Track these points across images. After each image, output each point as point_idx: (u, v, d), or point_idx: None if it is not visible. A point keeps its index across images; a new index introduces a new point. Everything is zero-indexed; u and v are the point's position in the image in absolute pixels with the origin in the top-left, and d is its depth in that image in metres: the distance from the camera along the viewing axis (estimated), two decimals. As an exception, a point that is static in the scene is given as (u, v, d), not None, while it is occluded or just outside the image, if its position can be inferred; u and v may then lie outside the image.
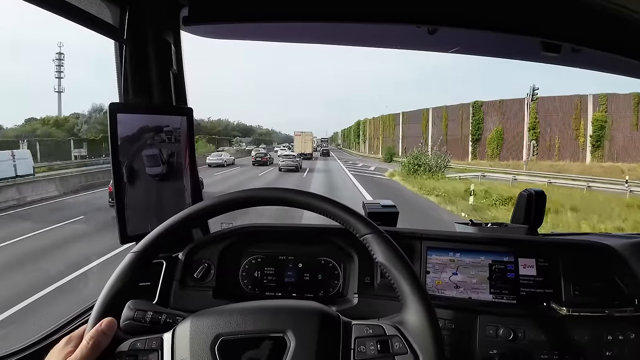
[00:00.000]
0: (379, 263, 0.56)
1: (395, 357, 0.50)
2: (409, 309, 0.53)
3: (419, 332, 0.51)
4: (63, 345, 0.52)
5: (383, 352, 0.50)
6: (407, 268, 0.55)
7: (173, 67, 1.03)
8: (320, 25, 1.00)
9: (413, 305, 0.53)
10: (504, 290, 0.95)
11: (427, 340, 0.50)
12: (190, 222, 0.63)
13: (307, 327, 0.52)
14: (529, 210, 1.19)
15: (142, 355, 0.51)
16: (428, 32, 0.95)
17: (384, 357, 0.50)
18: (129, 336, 0.53)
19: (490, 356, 0.86)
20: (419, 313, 0.52)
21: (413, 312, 0.52)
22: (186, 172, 1.04)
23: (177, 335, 0.52)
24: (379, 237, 0.57)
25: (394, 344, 0.51)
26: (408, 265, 0.55)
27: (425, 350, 0.50)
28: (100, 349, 0.50)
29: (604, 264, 0.95)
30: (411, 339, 0.51)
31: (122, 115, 0.89)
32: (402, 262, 0.55)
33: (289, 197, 0.62)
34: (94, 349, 0.50)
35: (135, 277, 0.58)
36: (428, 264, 0.98)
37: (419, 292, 0.53)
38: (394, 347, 0.50)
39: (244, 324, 0.52)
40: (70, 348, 0.51)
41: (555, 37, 0.86)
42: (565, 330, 0.87)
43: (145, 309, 0.58)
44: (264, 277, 1.02)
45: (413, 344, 0.50)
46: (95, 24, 0.84)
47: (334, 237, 1.00)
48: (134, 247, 0.60)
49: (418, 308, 0.52)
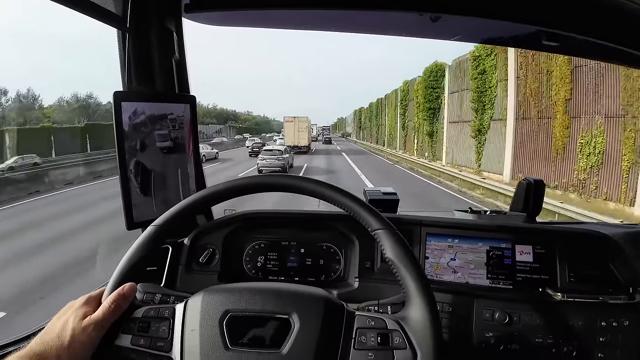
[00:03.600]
0: (387, 258, 0.58)
1: (394, 352, 0.51)
2: (413, 306, 0.54)
3: (420, 329, 0.52)
4: (82, 303, 0.54)
5: (383, 344, 0.52)
6: (415, 267, 0.56)
7: (175, 54, 1.03)
8: (323, 12, 0.99)
9: (417, 303, 0.54)
10: (501, 276, 0.97)
11: (427, 338, 0.52)
12: (208, 202, 0.65)
13: (312, 312, 0.54)
14: (527, 199, 1.20)
15: (155, 323, 0.54)
16: (431, 20, 0.94)
17: (383, 350, 0.51)
18: (144, 304, 0.56)
19: (486, 339, 0.88)
20: (422, 311, 0.53)
21: (416, 310, 0.54)
22: (190, 159, 1.05)
23: (188, 307, 0.55)
24: (391, 234, 0.58)
25: (394, 339, 0.52)
26: (416, 264, 0.57)
27: (425, 348, 0.51)
28: (120, 312, 0.53)
29: (600, 253, 0.96)
30: (411, 336, 0.52)
31: (126, 104, 0.90)
32: (411, 261, 0.56)
33: (301, 185, 0.63)
34: (115, 311, 0.53)
35: (153, 249, 0.60)
36: (427, 249, 1.00)
37: (425, 292, 0.54)
38: (393, 342, 0.52)
39: (252, 303, 0.54)
40: (88, 308, 0.53)
41: (556, 26, 0.86)
42: (560, 315, 0.89)
43: (154, 292, 0.61)
44: (267, 261, 1.05)
45: (413, 341, 0.52)
46: (98, 12, 0.84)
47: (336, 223, 1.03)
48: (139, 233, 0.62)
49: (421, 306, 0.54)
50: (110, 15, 0.88)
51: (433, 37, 1.13)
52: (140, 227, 0.94)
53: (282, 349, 0.51)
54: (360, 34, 1.21)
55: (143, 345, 0.52)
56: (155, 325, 0.53)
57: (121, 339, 0.53)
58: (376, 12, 0.98)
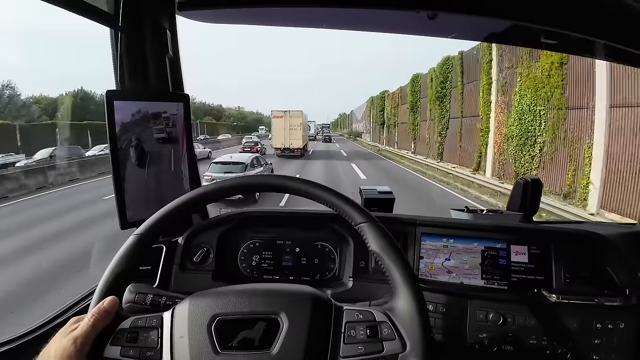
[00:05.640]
0: (372, 251, 0.58)
1: (384, 343, 0.51)
2: (399, 297, 0.54)
3: (408, 319, 0.52)
4: (69, 325, 0.53)
5: (372, 337, 0.52)
6: (399, 257, 0.56)
7: (169, 53, 1.02)
8: (317, 9, 0.98)
9: (403, 293, 0.54)
10: (496, 276, 0.97)
11: (415, 327, 0.52)
12: (192, 206, 0.64)
13: (299, 310, 0.54)
14: (524, 198, 1.19)
15: (143, 333, 0.53)
16: (428, 17, 0.93)
17: (372, 342, 0.51)
18: (131, 314, 0.55)
19: (480, 340, 0.88)
20: (408, 301, 0.53)
21: (403, 300, 0.54)
22: (184, 159, 1.05)
23: (176, 315, 0.54)
24: (373, 226, 0.59)
25: (383, 330, 0.52)
26: (400, 255, 0.57)
27: (413, 337, 0.51)
28: (102, 325, 0.52)
29: (596, 254, 0.95)
30: (400, 326, 0.52)
31: (118, 103, 0.89)
32: (395, 251, 0.57)
33: (286, 184, 0.64)
34: (95, 325, 0.52)
35: (137, 259, 0.59)
36: (422, 249, 1.00)
37: (410, 281, 0.55)
38: (382, 333, 0.52)
39: (239, 305, 0.54)
40: (74, 326, 0.53)
41: (554, 24, 0.84)
42: (555, 316, 0.88)
43: (146, 292, 0.61)
44: (262, 261, 1.05)
45: (401, 331, 0.52)
46: (89, 11, 0.83)
47: (331, 222, 1.02)
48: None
49: (408, 296, 0.54)
50: (103, 14, 0.87)
51: (430, 34, 1.12)
52: (134, 226, 0.93)
53: (272, 349, 0.51)
54: (356, 32, 1.20)
55: (132, 356, 0.52)
56: (143, 335, 0.53)
57: (110, 351, 0.52)
58: (373, 10, 0.97)
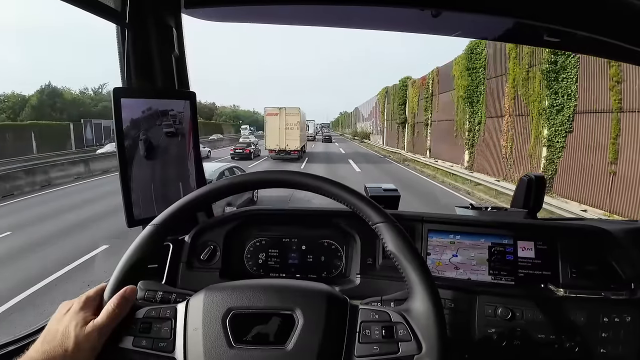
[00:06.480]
0: (389, 251, 0.57)
1: (399, 344, 0.51)
2: (416, 298, 0.54)
3: (424, 320, 0.52)
4: (80, 306, 0.52)
5: (387, 337, 0.52)
6: (416, 258, 0.56)
7: (175, 50, 1.02)
8: (323, 7, 0.99)
9: (420, 294, 0.54)
10: (503, 272, 0.97)
11: (432, 329, 0.51)
12: (208, 199, 0.63)
13: (315, 307, 0.53)
14: (528, 195, 1.20)
15: (156, 323, 0.53)
16: (432, 15, 0.94)
17: (388, 343, 0.51)
18: (146, 303, 0.55)
19: (489, 335, 0.88)
20: (425, 302, 0.53)
21: (419, 301, 0.53)
22: (190, 156, 1.05)
23: (190, 306, 0.54)
24: (391, 226, 0.58)
25: (399, 331, 0.52)
26: (417, 255, 0.56)
27: (429, 339, 0.51)
28: (123, 315, 0.52)
29: (602, 249, 0.96)
30: (416, 327, 0.52)
31: (125, 100, 0.89)
32: (412, 252, 0.56)
33: (305, 181, 0.63)
34: (119, 315, 0.52)
35: (153, 249, 0.59)
36: (429, 245, 1.00)
37: (427, 282, 0.54)
38: (398, 334, 0.52)
39: (255, 300, 0.54)
40: (87, 311, 0.52)
41: (557, 22, 0.85)
42: (562, 311, 0.88)
43: (156, 289, 0.61)
44: (268, 258, 1.05)
45: (417, 332, 0.52)
46: (96, 7, 0.84)
47: (337, 219, 1.02)
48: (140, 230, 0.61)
49: (424, 298, 0.53)
50: (109, 10, 0.88)
51: (434, 32, 1.13)
52: (140, 224, 0.93)
53: (287, 345, 0.51)
54: (359, 30, 1.21)
55: (145, 346, 0.51)
56: (157, 326, 0.53)
57: (123, 341, 0.52)
58: (376, 8, 0.97)
